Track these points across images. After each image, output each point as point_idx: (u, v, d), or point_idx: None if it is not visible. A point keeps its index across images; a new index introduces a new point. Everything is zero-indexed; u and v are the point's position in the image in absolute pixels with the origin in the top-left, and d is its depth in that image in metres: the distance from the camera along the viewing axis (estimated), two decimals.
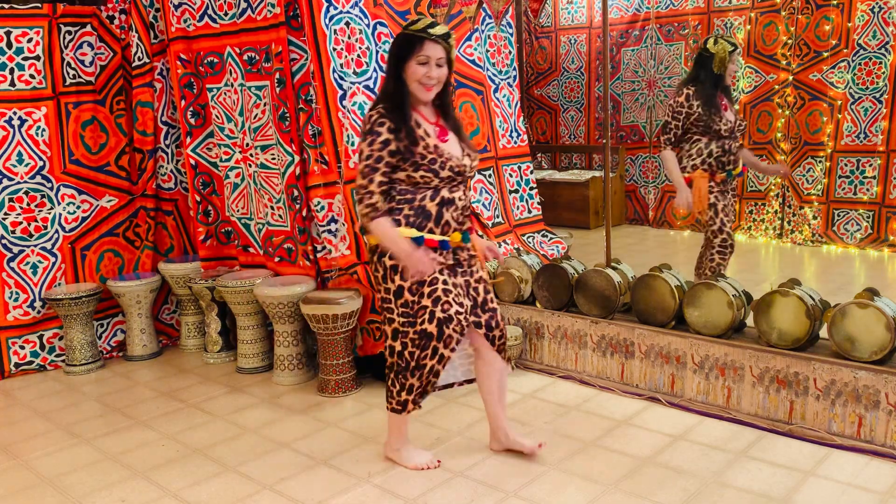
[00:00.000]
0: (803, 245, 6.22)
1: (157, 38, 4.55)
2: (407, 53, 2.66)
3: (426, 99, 2.73)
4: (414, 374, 2.78)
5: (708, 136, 3.98)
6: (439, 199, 2.72)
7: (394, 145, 2.64)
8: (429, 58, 2.65)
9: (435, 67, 2.67)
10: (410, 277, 2.70)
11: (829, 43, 6.08)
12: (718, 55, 3.90)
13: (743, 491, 2.71)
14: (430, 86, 2.69)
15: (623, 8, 7.42)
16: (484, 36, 4.70)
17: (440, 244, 2.75)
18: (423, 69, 2.66)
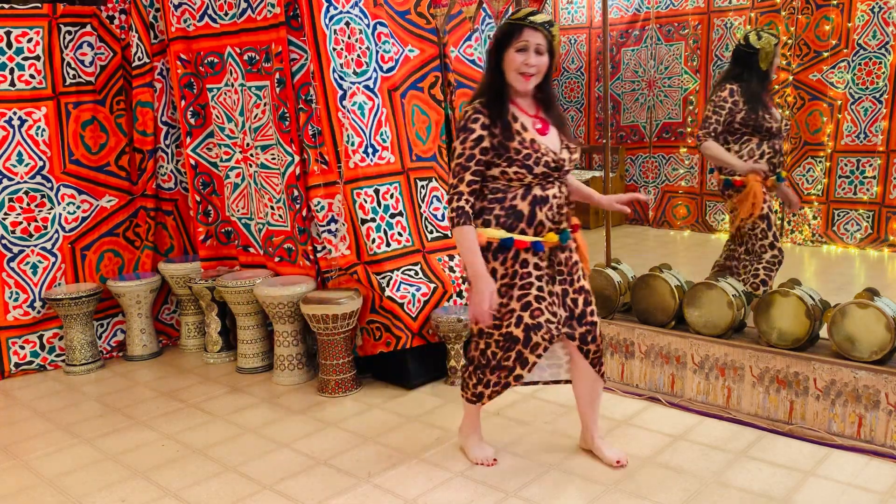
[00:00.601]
0: (803, 245, 6.22)
1: (157, 38, 4.55)
2: (506, 42, 2.57)
3: (524, 89, 2.61)
4: (494, 371, 2.75)
5: (759, 135, 3.74)
6: (531, 198, 2.61)
7: (487, 142, 2.57)
8: (528, 44, 2.54)
9: (534, 55, 2.56)
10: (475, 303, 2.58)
11: (829, 43, 6.08)
12: (765, 50, 3.66)
13: (743, 491, 2.71)
14: (529, 74, 2.57)
15: (623, 8, 7.42)
16: (484, 36, 4.69)
17: (532, 245, 2.63)
18: (521, 57, 2.55)
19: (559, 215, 2.67)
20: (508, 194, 2.62)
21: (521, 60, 2.55)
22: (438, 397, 3.74)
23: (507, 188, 2.62)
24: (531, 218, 2.62)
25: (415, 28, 4.18)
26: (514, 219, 2.62)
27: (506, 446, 3.15)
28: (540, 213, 2.63)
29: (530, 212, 2.62)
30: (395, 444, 3.21)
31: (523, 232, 2.63)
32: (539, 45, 2.56)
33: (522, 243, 2.62)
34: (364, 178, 3.88)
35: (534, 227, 2.63)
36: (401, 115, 4.09)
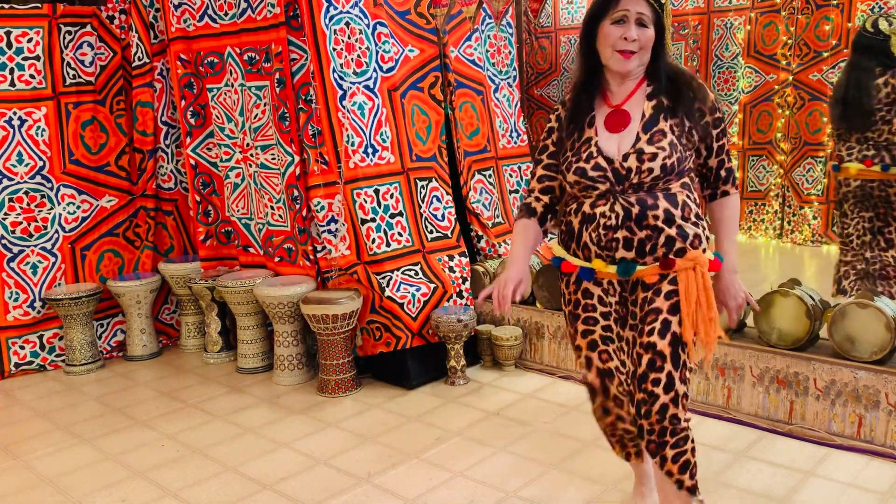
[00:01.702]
0: (803, 245, 6.22)
1: (157, 38, 4.55)
2: (600, 13, 2.05)
3: (624, 69, 2.05)
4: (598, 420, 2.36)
5: None
6: (580, 215, 2.12)
7: (555, 135, 2.20)
8: (627, 14, 2.00)
9: (635, 27, 2.01)
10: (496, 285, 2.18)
11: (829, 43, 6.08)
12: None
13: (743, 491, 2.71)
14: (630, 52, 2.02)
15: None
16: (484, 36, 4.70)
17: (579, 271, 2.16)
18: (618, 30, 2.01)
19: (611, 239, 2.07)
20: (569, 207, 2.19)
21: (619, 34, 2.01)
22: (438, 397, 3.74)
23: (570, 200, 2.19)
24: (578, 237, 2.14)
25: (415, 28, 4.19)
26: (568, 236, 2.20)
27: (506, 446, 3.15)
28: (585, 233, 2.12)
29: (578, 230, 2.14)
30: (395, 444, 3.21)
31: (575, 254, 2.17)
32: (641, 14, 2.01)
33: (568, 267, 2.19)
34: (364, 178, 3.88)
35: (581, 248, 2.15)
36: (401, 115, 4.09)
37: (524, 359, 4.14)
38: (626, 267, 2.09)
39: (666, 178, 2.02)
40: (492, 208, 4.60)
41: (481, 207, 4.49)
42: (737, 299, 2.17)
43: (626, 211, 2.03)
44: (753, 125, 6.63)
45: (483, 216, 4.48)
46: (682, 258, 2.05)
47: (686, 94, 2.06)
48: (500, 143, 4.77)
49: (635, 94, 2.09)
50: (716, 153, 2.13)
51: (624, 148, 2.04)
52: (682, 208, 2.05)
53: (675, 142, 2.02)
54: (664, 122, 2.04)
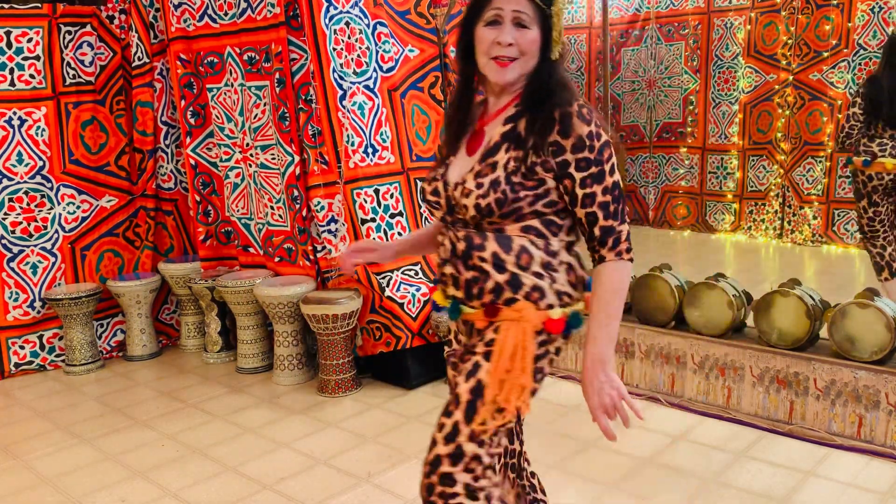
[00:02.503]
0: (803, 245, 6.22)
1: (157, 38, 4.55)
2: (473, 13, 1.67)
3: (502, 80, 1.66)
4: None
5: None
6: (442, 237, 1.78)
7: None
8: (500, 14, 1.62)
9: (512, 28, 1.62)
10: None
11: (829, 43, 6.08)
12: None
13: (743, 491, 2.71)
14: (507, 59, 1.63)
15: (623, 8, 7.42)
16: None
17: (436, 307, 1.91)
18: (491, 33, 1.63)
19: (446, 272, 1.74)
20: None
21: (492, 38, 1.63)
22: (438, 397, 3.74)
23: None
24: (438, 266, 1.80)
25: (415, 28, 4.18)
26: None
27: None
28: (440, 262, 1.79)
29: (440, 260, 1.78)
30: (395, 444, 3.21)
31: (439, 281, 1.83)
32: (519, 12, 1.62)
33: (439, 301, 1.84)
34: (364, 178, 3.88)
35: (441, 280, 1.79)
36: (401, 115, 4.09)
37: None
38: (454, 306, 1.76)
39: (489, 220, 1.63)
40: None
41: None
42: (601, 397, 1.67)
43: (452, 245, 1.71)
44: (753, 125, 6.63)
45: None
46: (509, 308, 1.66)
47: (540, 123, 1.61)
48: None
49: (501, 114, 1.70)
50: (581, 203, 1.61)
51: (457, 176, 1.70)
52: (517, 255, 1.64)
53: (502, 179, 1.61)
54: (504, 153, 1.64)
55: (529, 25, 1.62)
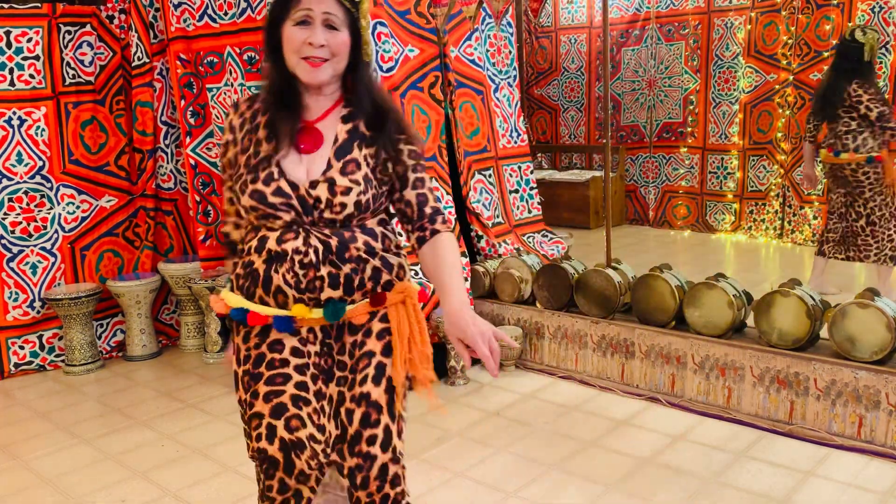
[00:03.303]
0: (803, 245, 6.22)
1: (156, 37, 4.55)
2: (282, 12, 1.66)
3: (314, 80, 1.67)
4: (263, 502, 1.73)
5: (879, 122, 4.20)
6: (265, 252, 1.68)
7: (231, 152, 1.75)
8: (310, 14, 1.63)
9: (322, 29, 1.64)
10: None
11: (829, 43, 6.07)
12: (869, 43, 4.12)
13: (743, 491, 2.71)
14: (316, 61, 1.64)
15: (623, 8, 7.42)
16: (484, 36, 4.69)
17: (275, 322, 1.69)
18: (301, 33, 1.63)
19: (313, 279, 1.66)
20: (245, 244, 1.74)
21: (303, 39, 1.63)
22: (439, 397, 3.73)
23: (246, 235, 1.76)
24: (266, 281, 1.68)
25: (415, 28, 4.18)
26: (251, 280, 1.71)
27: (506, 446, 3.15)
28: (276, 274, 1.67)
29: (265, 271, 1.68)
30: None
31: (263, 301, 1.70)
32: (329, 14, 1.64)
33: (257, 318, 1.70)
34: None
35: (272, 294, 1.69)
36: None
37: (524, 359, 4.14)
38: (334, 309, 1.69)
39: (360, 217, 1.69)
40: (492, 208, 4.60)
41: (481, 207, 4.49)
42: (478, 326, 1.63)
43: (324, 244, 1.66)
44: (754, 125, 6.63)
45: (483, 216, 4.48)
46: (392, 291, 1.73)
47: (386, 123, 1.72)
48: (500, 142, 4.76)
49: (331, 113, 1.73)
50: (412, 186, 1.74)
51: (313, 174, 1.67)
52: (381, 240, 1.73)
53: (370, 175, 1.69)
54: (358, 150, 1.69)
55: (340, 28, 1.65)
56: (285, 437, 1.65)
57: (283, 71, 1.69)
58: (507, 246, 4.56)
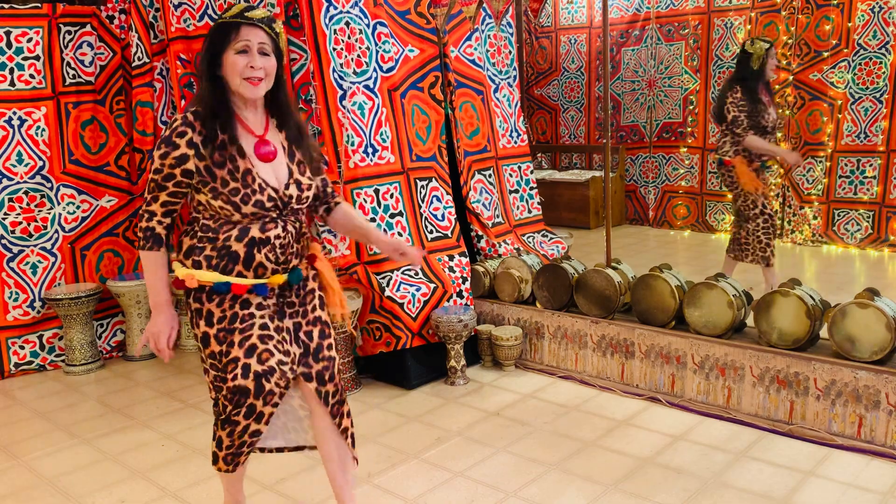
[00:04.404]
0: (803, 245, 6.22)
1: (156, 38, 4.55)
2: (222, 43, 2.14)
3: (253, 96, 2.17)
4: (224, 427, 2.25)
5: (752, 130, 4.36)
6: (248, 239, 2.19)
7: (192, 163, 2.12)
8: (249, 44, 2.13)
9: (259, 56, 2.14)
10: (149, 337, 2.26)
11: (829, 43, 6.08)
12: (756, 54, 4.34)
13: (743, 491, 2.71)
14: (256, 80, 2.14)
15: (623, 8, 7.42)
16: (484, 36, 4.69)
17: (254, 289, 2.22)
18: (243, 59, 2.12)
19: (287, 255, 2.26)
20: (221, 233, 2.19)
21: (245, 63, 2.13)
22: (438, 397, 3.74)
23: (220, 226, 2.20)
24: (248, 260, 2.20)
25: (415, 28, 4.18)
26: (228, 260, 2.19)
27: (506, 446, 3.15)
28: (259, 254, 2.20)
29: (247, 253, 2.19)
30: (395, 444, 3.21)
31: (241, 274, 2.20)
32: (262, 44, 2.15)
33: (240, 288, 2.20)
34: (364, 178, 3.88)
35: (252, 269, 2.21)
36: (401, 114, 4.09)
37: (524, 359, 4.14)
38: (297, 273, 2.31)
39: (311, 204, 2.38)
40: (492, 208, 4.60)
41: (481, 207, 4.49)
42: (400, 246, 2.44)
43: (296, 229, 2.29)
44: None
45: (483, 216, 4.48)
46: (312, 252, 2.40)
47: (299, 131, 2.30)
48: (500, 142, 4.76)
49: (270, 127, 2.26)
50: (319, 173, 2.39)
51: (282, 179, 2.23)
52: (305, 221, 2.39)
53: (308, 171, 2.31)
54: (297, 153, 2.29)
55: (270, 53, 2.18)
56: (258, 370, 2.17)
57: (219, 92, 2.16)
58: (507, 246, 4.56)
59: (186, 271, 2.21)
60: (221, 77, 2.16)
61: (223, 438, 2.27)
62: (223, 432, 2.26)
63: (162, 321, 2.25)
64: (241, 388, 2.16)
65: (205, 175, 2.14)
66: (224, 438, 2.26)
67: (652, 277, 3.65)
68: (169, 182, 2.15)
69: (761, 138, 4.38)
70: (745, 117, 4.35)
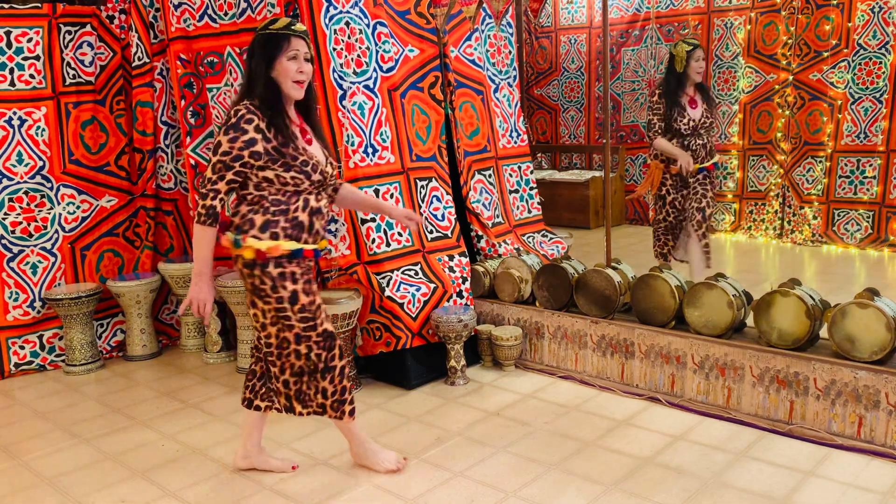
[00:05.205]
0: (803, 245, 6.22)
1: (157, 38, 4.55)
2: (276, 51, 2.61)
3: (298, 96, 2.67)
4: (325, 376, 2.75)
5: (670, 132, 4.45)
6: (309, 209, 2.68)
7: (260, 146, 2.56)
8: (298, 53, 2.62)
9: (304, 63, 2.64)
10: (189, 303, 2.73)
11: (829, 43, 6.08)
12: (678, 56, 4.39)
13: (743, 491, 2.71)
14: (303, 81, 2.65)
15: (623, 8, 7.42)
16: (484, 36, 4.70)
17: (315, 253, 2.70)
18: (295, 64, 2.62)
19: (327, 226, 2.84)
20: (291, 206, 2.63)
21: (296, 69, 2.61)
22: (438, 397, 3.74)
23: (288, 200, 2.63)
24: (310, 228, 2.69)
25: (415, 28, 4.18)
26: (298, 230, 2.66)
27: (506, 446, 3.15)
28: (317, 223, 2.71)
29: (309, 222, 2.68)
30: (395, 444, 3.21)
31: (306, 241, 2.68)
32: (307, 53, 2.65)
33: (309, 252, 2.68)
34: (364, 177, 3.88)
35: (313, 236, 2.71)
36: (401, 114, 4.09)
37: (524, 359, 4.14)
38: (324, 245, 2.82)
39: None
40: (492, 208, 4.60)
41: (481, 207, 4.49)
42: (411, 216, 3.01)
43: (330, 199, 2.83)
44: (753, 125, 6.63)
45: (483, 216, 4.48)
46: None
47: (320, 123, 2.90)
48: (500, 142, 4.76)
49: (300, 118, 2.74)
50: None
51: (322, 159, 2.71)
52: None
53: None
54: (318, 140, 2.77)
55: (310, 61, 2.68)
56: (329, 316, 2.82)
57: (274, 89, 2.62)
58: (507, 246, 4.56)
59: (268, 243, 2.60)
60: (273, 78, 2.61)
61: (327, 388, 2.75)
62: (325, 382, 2.74)
63: (207, 289, 2.70)
64: (329, 332, 2.73)
65: (273, 154, 2.56)
66: (328, 387, 2.75)
67: (652, 277, 3.65)
68: (236, 163, 2.54)
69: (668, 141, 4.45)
70: (658, 120, 4.44)
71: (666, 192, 4.57)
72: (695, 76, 4.45)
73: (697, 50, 4.42)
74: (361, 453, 2.95)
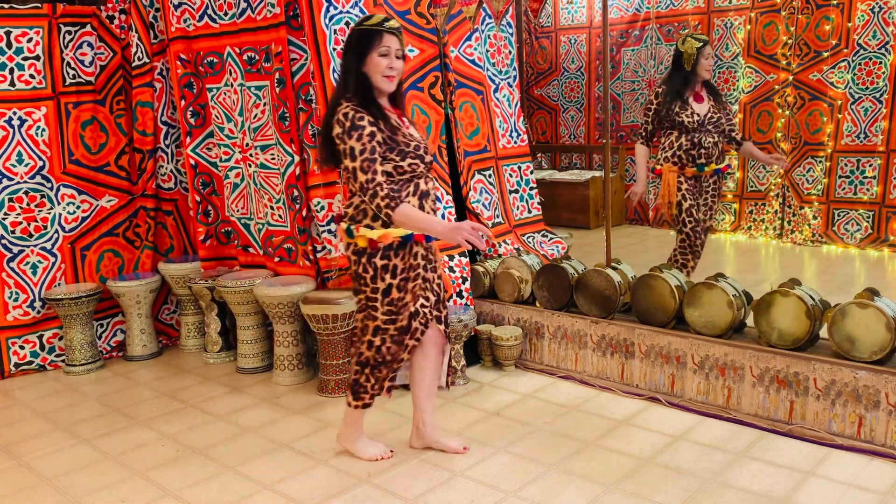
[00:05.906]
0: (803, 245, 6.22)
1: (156, 38, 4.55)
2: (367, 47, 2.70)
3: (390, 89, 2.76)
4: (388, 366, 2.89)
5: (676, 129, 4.23)
6: (419, 193, 2.77)
7: (379, 136, 2.67)
8: (389, 49, 2.72)
9: (395, 59, 2.73)
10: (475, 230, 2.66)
11: (829, 43, 6.08)
12: (687, 52, 4.16)
13: (743, 491, 2.71)
14: (393, 76, 2.74)
15: (623, 8, 7.42)
16: (484, 36, 4.69)
17: (426, 238, 2.80)
18: (385, 61, 2.71)
19: (434, 208, 2.85)
20: (403, 192, 2.71)
21: (387, 64, 2.71)
22: (438, 397, 3.73)
23: (401, 188, 2.71)
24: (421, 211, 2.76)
25: (415, 28, 4.18)
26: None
27: (506, 446, 3.15)
28: (427, 205, 2.79)
29: (420, 206, 2.75)
30: (395, 444, 3.21)
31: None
32: (398, 49, 2.75)
33: (420, 237, 2.77)
34: None
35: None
36: None
37: (524, 359, 4.14)
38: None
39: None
40: (492, 208, 4.60)
41: (481, 207, 4.49)
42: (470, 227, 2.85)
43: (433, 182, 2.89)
44: (753, 125, 6.63)
45: (483, 216, 4.48)
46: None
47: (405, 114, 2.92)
48: (500, 143, 4.76)
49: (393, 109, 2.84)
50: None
51: (422, 143, 2.80)
52: None
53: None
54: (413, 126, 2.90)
55: (401, 58, 2.77)
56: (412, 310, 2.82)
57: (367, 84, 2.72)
58: (507, 246, 4.56)
59: (379, 232, 2.72)
60: (364, 73, 2.71)
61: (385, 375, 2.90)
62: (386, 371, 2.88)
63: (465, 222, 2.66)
64: (404, 327, 2.81)
65: (389, 143, 2.68)
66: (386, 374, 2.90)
67: (652, 277, 3.65)
68: (375, 154, 2.64)
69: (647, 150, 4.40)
70: (645, 123, 4.35)
71: (682, 198, 4.29)
72: (704, 73, 4.19)
73: (707, 46, 4.16)
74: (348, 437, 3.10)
